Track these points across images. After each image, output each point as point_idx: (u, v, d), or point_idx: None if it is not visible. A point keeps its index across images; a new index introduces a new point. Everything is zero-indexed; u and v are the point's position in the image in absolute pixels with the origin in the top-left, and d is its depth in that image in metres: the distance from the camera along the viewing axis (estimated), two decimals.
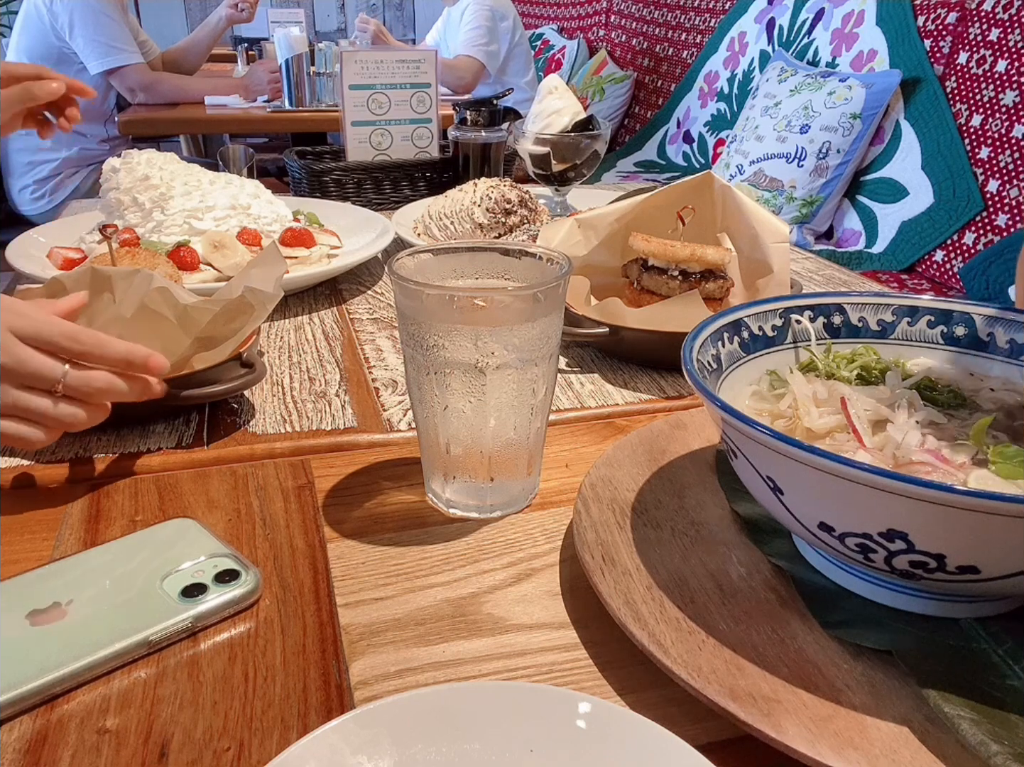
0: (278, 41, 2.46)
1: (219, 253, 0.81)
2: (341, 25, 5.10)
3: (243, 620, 0.41)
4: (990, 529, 0.31)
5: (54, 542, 0.46)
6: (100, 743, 0.34)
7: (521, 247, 0.49)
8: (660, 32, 3.12)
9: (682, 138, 2.88)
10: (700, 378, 0.39)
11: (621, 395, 0.66)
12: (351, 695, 0.36)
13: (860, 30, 2.18)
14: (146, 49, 2.71)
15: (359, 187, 1.20)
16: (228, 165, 1.38)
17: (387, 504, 0.51)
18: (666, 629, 0.37)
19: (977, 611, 0.38)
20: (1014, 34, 1.78)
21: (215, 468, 0.54)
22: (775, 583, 0.41)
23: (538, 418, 0.48)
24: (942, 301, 0.49)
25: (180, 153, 2.96)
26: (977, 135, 1.82)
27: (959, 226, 1.80)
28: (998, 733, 0.31)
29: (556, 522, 0.49)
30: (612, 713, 0.32)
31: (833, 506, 0.35)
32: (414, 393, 0.48)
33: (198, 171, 0.90)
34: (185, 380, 0.57)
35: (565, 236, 0.77)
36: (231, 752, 0.34)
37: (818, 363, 0.48)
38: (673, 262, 0.70)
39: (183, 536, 0.45)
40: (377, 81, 1.21)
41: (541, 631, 0.40)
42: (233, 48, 3.67)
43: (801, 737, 0.32)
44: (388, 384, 0.67)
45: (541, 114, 1.21)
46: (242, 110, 2.50)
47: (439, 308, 0.44)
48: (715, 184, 0.78)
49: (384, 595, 0.43)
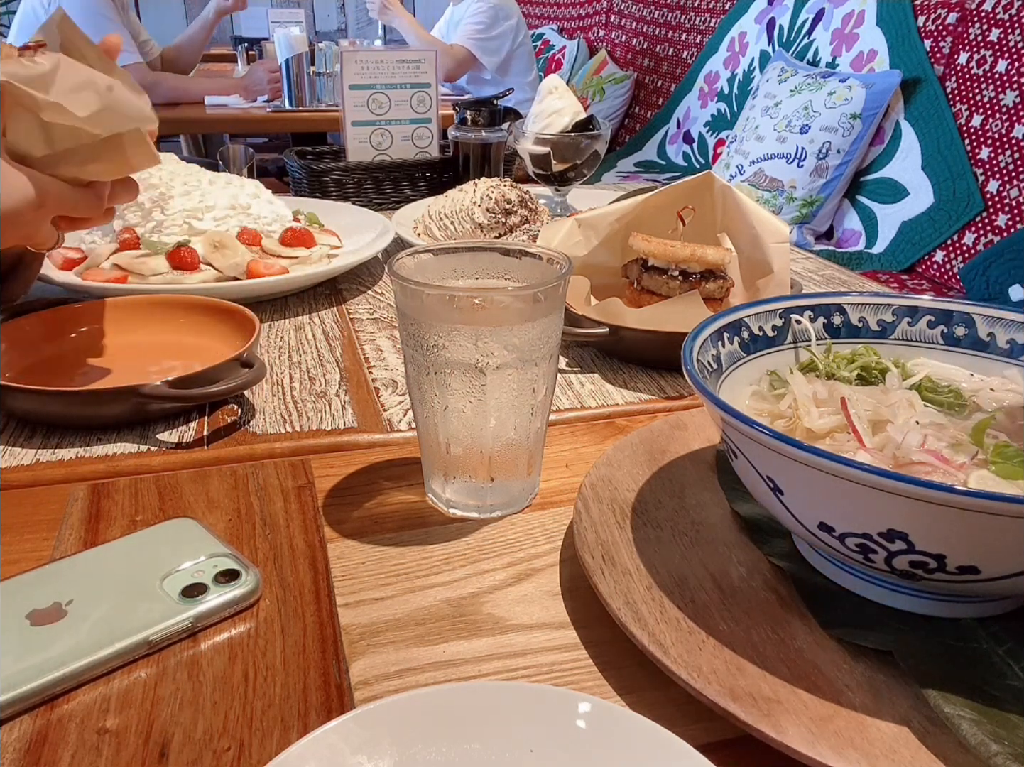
0: (278, 41, 2.46)
1: (219, 253, 0.81)
2: (341, 25, 5.10)
3: (243, 620, 0.41)
4: (990, 529, 0.31)
5: (54, 542, 0.46)
6: (100, 743, 0.34)
7: (521, 247, 0.49)
8: (660, 32, 3.12)
9: (682, 138, 2.88)
10: (700, 378, 0.39)
11: (621, 395, 0.66)
12: (351, 695, 0.36)
13: (860, 30, 2.18)
14: (147, 49, 2.71)
15: (359, 187, 1.20)
16: (228, 165, 1.38)
17: (387, 504, 0.51)
18: (666, 629, 0.37)
19: (977, 611, 0.38)
20: (1014, 34, 1.78)
21: (215, 468, 0.54)
22: (775, 583, 0.41)
23: (538, 418, 0.48)
24: (942, 301, 0.49)
25: (180, 153, 2.96)
26: (977, 135, 1.82)
27: (959, 226, 1.80)
28: (998, 733, 0.31)
29: (556, 522, 0.49)
30: (612, 713, 0.32)
31: (833, 506, 0.35)
32: (414, 393, 0.48)
33: (198, 171, 0.90)
34: (185, 380, 0.57)
35: (565, 236, 0.77)
36: (231, 752, 0.33)
37: (818, 363, 0.48)
38: (673, 262, 0.70)
39: (183, 536, 0.45)
40: (377, 81, 1.21)
41: (541, 631, 0.40)
42: (233, 48, 3.68)
43: (801, 737, 0.32)
44: (388, 384, 0.67)
45: (541, 114, 1.21)
46: (242, 110, 2.50)
47: (439, 308, 0.44)
48: (715, 184, 0.78)
49: (384, 595, 0.43)
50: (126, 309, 0.71)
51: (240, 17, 4.01)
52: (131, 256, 0.80)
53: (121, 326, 0.70)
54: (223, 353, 0.61)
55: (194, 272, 0.80)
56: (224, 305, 0.70)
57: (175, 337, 0.69)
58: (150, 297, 0.72)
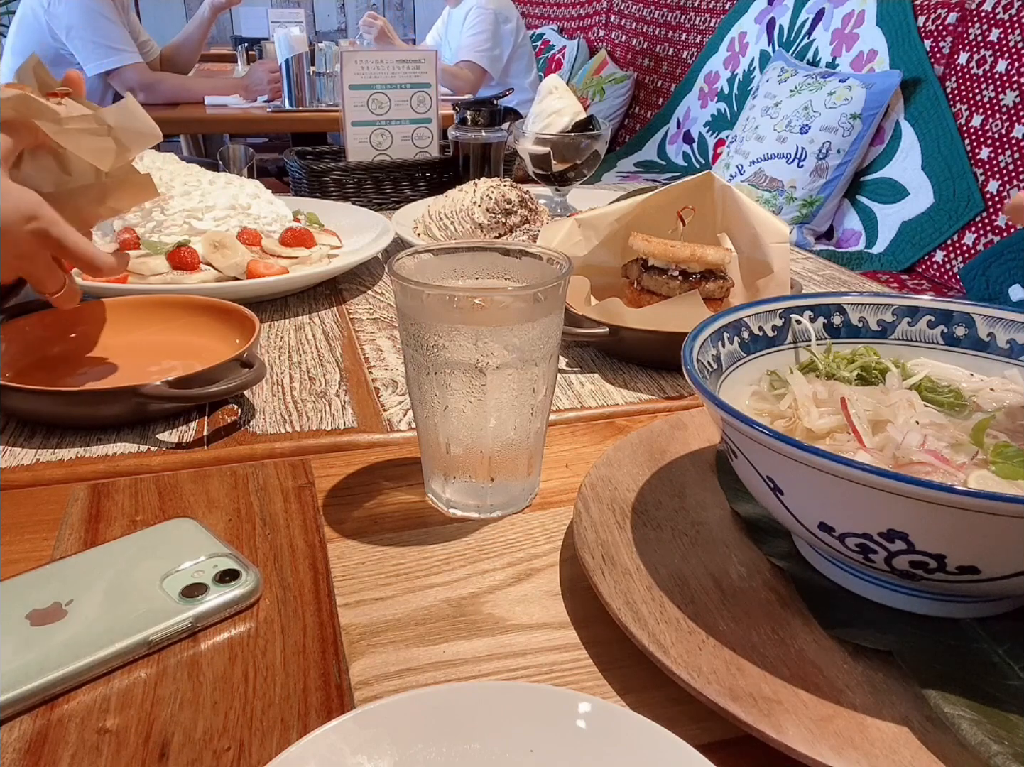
0: (278, 41, 2.46)
1: (219, 253, 0.81)
2: (341, 25, 5.10)
3: (243, 620, 0.41)
4: (990, 529, 0.31)
5: (54, 542, 0.46)
6: (100, 743, 0.34)
7: (521, 247, 0.49)
8: (660, 32, 3.12)
9: (682, 138, 2.88)
10: (700, 378, 0.39)
11: (621, 395, 0.66)
12: (351, 695, 0.36)
13: (860, 30, 2.18)
14: (147, 49, 2.71)
15: (359, 187, 1.20)
16: (228, 165, 1.38)
17: (387, 504, 0.51)
18: (666, 629, 0.37)
19: (977, 611, 0.38)
20: (1014, 34, 1.78)
21: (215, 468, 0.54)
22: (775, 583, 0.41)
23: (538, 418, 0.48)
24: (942, 301, 0.49)
25: (180, 153, 2.97)
26: (977, 135, 1.82)
27: (959, 226, 1.80)
28: (998, 733, 0.31)
29: (556, 522, 0.49)
30: (612, 713, 0.32)
31: (833, 506, 0.35)
32: (414, 393, 0.48)
33: (198, 171, 0.90)
34: (185, 380, 0.57)
35: (565, 236, 0.77)
36: (231, 752, 0.33)
37: (818, 363, 0.48)
38: (673, 262, 0.70)
39: (183, 536, 0.45)
40: (377, 81, 1.21)
41: (541, 631, 0.40)
42: (233, 48, 3.68)
43: (801, 737, 0.32)
44: (388, 384, 0.67)
45: (541, 114, 1.21)
46: (242, 110, 2.50)
47: (439, 308, 0.44)
48: (715, 184, 0.78)
49: (384, 595, 0.43)
50: (126, 309, 0.71)
51: (240, 17, 4.02)
52: (131, 256, 0.80)
53: (121, 326, 0.70)
54: (223, 353, 0.61)
55: (194, 272, 0.80)
56: (224, 305, 0.70)
57: (175, 337, 0.69)
58: (150, 297, 0.72)
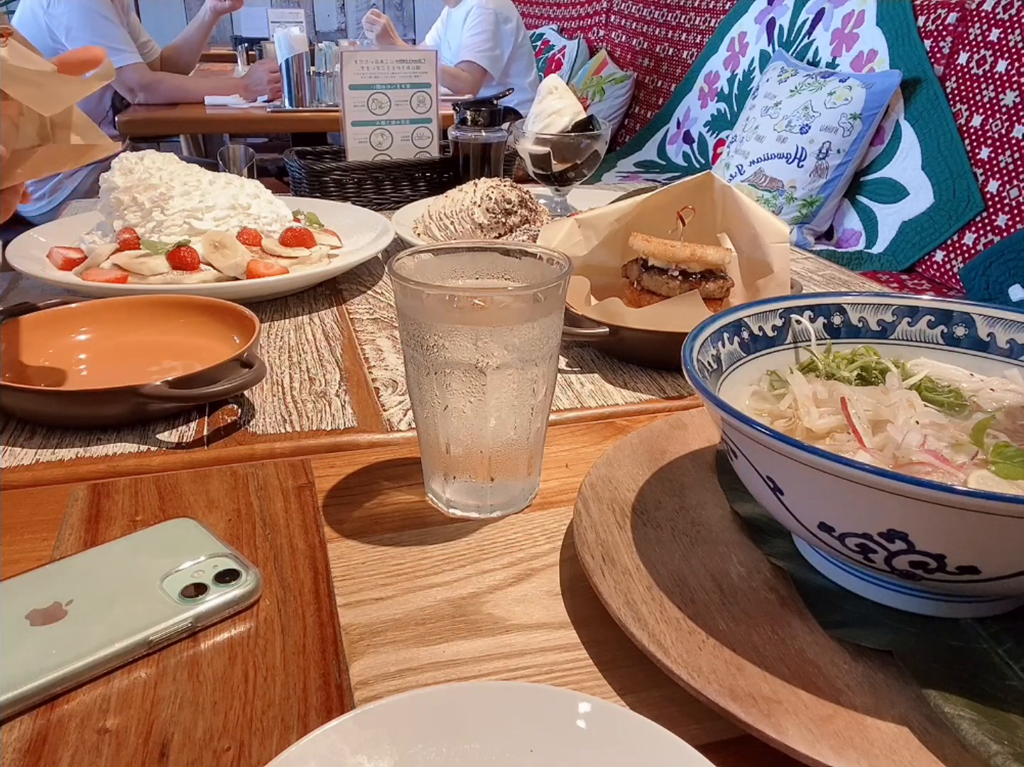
0: (278, 41, 2.46)
1: (219, 253, 0.81)
2: (341, 25, 5.10)
3: (243, 620, 0.41)
4: (990, 529, 0.31)
5: (54, 542, 0.46)
6: (100, 743, 0.34)
7: (521, 247, 0.49)
8: (660, 32, 3.12)
9: (682, 138, 2.88)
10: (700, 378, 0.39)
11: (621, 395, 0.66)
12: (351, 695, 0.36)
13: (860, 30, 2.18)
14: (147, 50, 2.72)
15: (359, 187, 1.20)
16: (228, 165, 1.38)
17: (387, 504, 0.51)
18: (666, 629, 0.37)
19: (977, 611, 0.38)
20: (1014, 34, 1.78)
21: (215, 468, 0.54)
22: (775, 583, 0.41)
23: (538, 418, 0.48)
24: (942, 301, 0.49)
25: (180, 153, 2.96)
26: (977, 135, 1.82)
27: (959, 226, 1.80)
28: (998, 733, 0.31)
29: (556, 522, 0.49)
30: (612, 713, 0.32)
31: (833, 506, 0.35)
32: (414, 393, 0.48)
33: (198, 171, 0.90)
34: (185, 380, 0.57)
35: (565, 236, 0.77)
36: (231, 752, 0.33)
37: (818, 363, 0.48)
38: (673, 262, 0.70)
39: (183, 536, 0.45)
40: (377, 81, 1.21)
41: (541, 631, 0.40)
42: (233, 48, 3.68)
43: (801, 737, 0.32)
44: (388, 384, 0.67)
45: (541, 114, 1.21)
46: (242, 110, 2.50)
47: (439, 308, 0.44)
48: (715, 184, 0.78)
49: (384, 595, 0.43)
50: (126, 309, 0.71)
51: (240, 17, 4.02)
52: (131, 256, 0.80)
53: (121, 326, 0.70)
54: (223, 353, 0.61)
55: (194, 272, 0.80)
56: (224, 305, 0.70)
57: (175, 337, 0.69)
58: (150, 297, 0.72)
